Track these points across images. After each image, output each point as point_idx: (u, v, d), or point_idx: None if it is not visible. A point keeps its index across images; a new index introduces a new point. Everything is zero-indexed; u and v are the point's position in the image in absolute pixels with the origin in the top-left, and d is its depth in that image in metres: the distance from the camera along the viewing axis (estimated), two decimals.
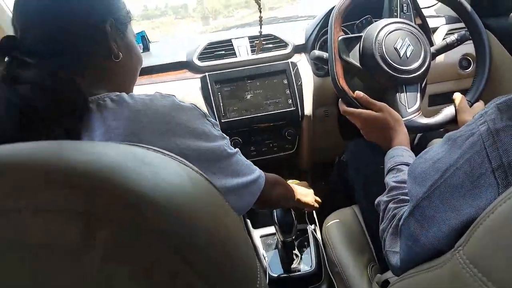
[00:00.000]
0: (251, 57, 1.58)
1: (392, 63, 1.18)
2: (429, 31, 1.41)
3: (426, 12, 1.50)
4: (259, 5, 0.91)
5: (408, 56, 1.21)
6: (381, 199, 0.93)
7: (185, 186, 0.32)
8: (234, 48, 1.59)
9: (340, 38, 1.22)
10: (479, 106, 1.26)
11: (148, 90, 1.51)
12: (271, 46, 1.60)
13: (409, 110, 1.21)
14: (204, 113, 0.79)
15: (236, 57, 1.58)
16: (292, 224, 1.26)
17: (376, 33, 1.21)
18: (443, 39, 1.40)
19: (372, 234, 1.21)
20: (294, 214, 1.28)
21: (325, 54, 1.31)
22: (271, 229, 1.52)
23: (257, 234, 1.53)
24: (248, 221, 1.60)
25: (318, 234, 1.51)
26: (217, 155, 0.78)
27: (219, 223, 0.34)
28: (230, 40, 1.62)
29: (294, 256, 1.39)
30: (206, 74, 1.51)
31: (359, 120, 1.16)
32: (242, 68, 1.54)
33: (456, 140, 0.61)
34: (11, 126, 0.65)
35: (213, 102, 1.48)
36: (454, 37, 1.33)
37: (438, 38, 1.58)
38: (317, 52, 1.33)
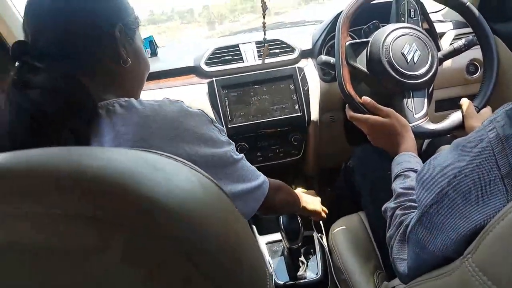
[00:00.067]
0: (258, 62, 1.58)
1: (399, 69, 1.18)
2: (436, 36, 1.40)
3: (433, 17, 1.49)
4: (264, 11, 0.90)
5: (415, 61, 1.20)
6: (388, 206, 0.93)
7: (196, 192, 0.33)
8: (241, 53, 1.60)
9: (347, 43, 1.22)
10: (487, 111, 1.25)
11: (155, 95, 1.51)
12: (278, 51, 1.60)
13: (416, 116, 1.20)
14: (211, 119, 0.80)
15: (243, 62, 1.58)
16: (298, 231, 1.26)
17: (383, 38, 1.20)
18: (450, 44, 1.40)
19: (378, 241, 1.20)
20: (300, 221, 1.27)
21: (332, 59, 1.30)
22: (277, 235, 1.52)
23: (262, 240, 1.53)
24: (254, 227, 1.59)
25: (324, 241, 1.51)
26: (223, 161, 0.78)
27: (229, 229, 0.34)
28: (237, 45, 1.62)
29: (300, 263, 1.39)
30: (213, 79, 1.51)
31: (366, 125, 1.15)
32: (249, 73, 1.54)
33: (465, 146, 0.61)
34: (22, 131, 0.66)
35: (220, 107, 1.48)
36: (461, 42, 1.32)
37: (445, 43, 1.58)
38: (324, 57, 1.33)
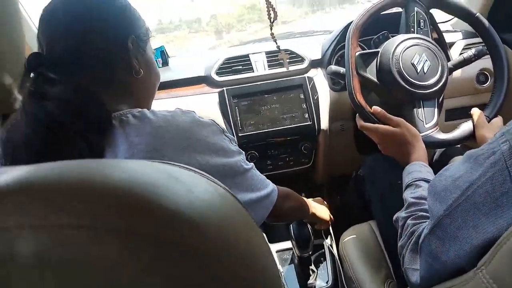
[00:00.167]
0: (268, 72, 1.59)
1: (409, 79, 1.18)
2: (445, 46, 1.41)
3: (442, 27, 1.49)
4: (271, 21, 0.91)
5: (425, 71, 1.21)
6: (399, 215, 0.93)
7: (215, 204, 0.33)
8: (251, 63, 1.61)
9: (357, 54, 1.23)
10: (498, 121, 1.25)
11: (167, 104, 1.53)
12: (288, 61, 1.62)
13: (426, 126, 1.20)
14: (222, 128, 0.81)
15: (253, 72, 1.59)
16: (309, 239, 1.26)
17: (393, 48, 1.21)
18: (460, 54, 1.40)
19: (389, 250, 1.20)
20: (311, 229, 1.28)
21: (341, 69, 1.31)
22: (287, 244, 1.52)
23: (273, 248, 1.53)
24: (264, 235, 1.60)
25: (334, 249, 1.51)
26: (234, 171, 0.79)
27: (247, 239, 0.35)
28: (247, 55, 1.64)
29: (310, 271, 1.39)
30: (224, 88, 1.53)
31: (377, 135, 1.16)
32: (259, 82, 1.56)
33: (477, 158, 0.61)
34: (37, 142, 0.67)
35: (230, 117, 1.50)
36: (471, 52, 1.32)
37: (455, 53, 1.58)
38: (333, 67, 1.34)
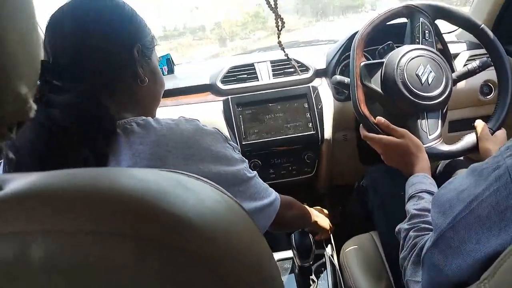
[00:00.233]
0: (273, 80, 1.60)
1: (413, 90, 1.19)
2: (450, 57, 1.41)
3: (447, 37, 1.49)
4: (279, 29, 0.91)
5: (429, 82, 1.21)
6: (401, 227, 0.93)
7: (224, 213, 0.34)
8: (256, 71, 1.62)
9: (362, 64, 1.23)
10: (501, 134, 1.25)
11: (172, 111, 1.54)
12: (292, 70, 1.62)
13: (430, 137, 1.20)
14: (225, 137, 0.81)
15: (258, 80, 1.60)
16: (310, 249, 1.26)
17: (398, 59, 1.21)
18: (465, 65, 1.40)
19: (390, 262, 1.20)
20: (312, 239, 1.27)
21: (346, 79, 1.31)
22: (288, 253, 1.51)
23: None
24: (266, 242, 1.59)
25: (335, 259, 1.50)
26: (237, 179, 0.79)
27: (253, 247, 0.36)
28: (252, 64, 1.65)
29: (310, 281, 1.38)
30: (229, 97, 1.54)
31: (380, 145, 1.16)
32: (263, 91, 1.56)
33: (481, 172, 0.61)
34: (42, 148, 0.67)
35: (234, 125, 1.50)
36: (475, 63, 1.33)
37: (459, 64, 1.58)
38: (338, 77, 1.34)
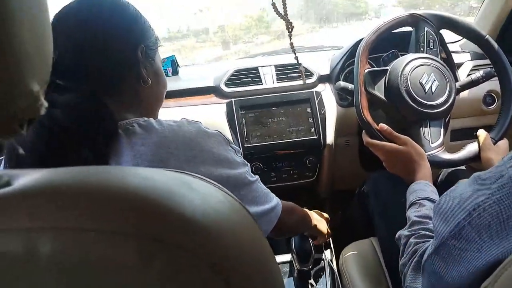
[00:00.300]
0: (277, 85, 1.61)
1: (417, 98, 1.19)
2: (454, 67, 1.42)
3: (451, 47, 1.50)
4: (289, 31, 0.91)
5: (433, 91, 1.22)
6: (402, 233, 0.93)
7: (228, 213, 0.35)
8: (260, 75, 1.63)
9: (366, 71, 1.24)
10: (503, 144, 1.25)
11: (175, 112, 1.55)
12: (296, 75, 1.63)
13: (432, 145, 1.21)
14: (227, 139, 0.81)
15: (261, 84, 1.61)
16: (309, 253, 1.26)
17: (402, 67, 1.22)
18: (468, 75, 1.41)
19: (390, 268, 1.20)
20: (312, 243, 1.28)
21: (350, 86, 1.32)
22: (286, 256, 1.52)
23: None
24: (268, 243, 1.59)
25: (334, 264, 1.50)
26: (238, 183, 0.79)
27: (255, 247, 0.36)
28: (256, 68, 1.65)
29: (309, 285, 1.38)
30: (232, 100, 1.55)
31: (382, 152, 1.16)
32: (267, 95, 1.57)
33: (484, 180, 0.61)
34: (42, 148, 0.67)
35: (237, 127, 1.51)
36: (479, 73, 1.33)
37: (463, 73, 1.59)
38: (342, 83, 1.35)
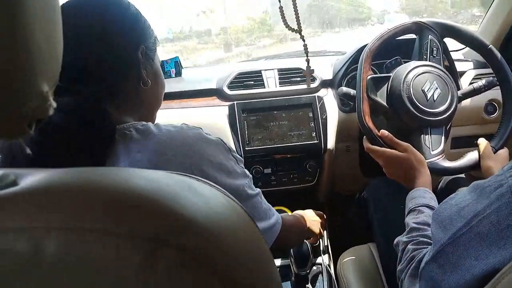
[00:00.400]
0: (279, 88, 1.62)
1: (419, 105, 1.20)
2: (456, 75, 1.42)
3: (454, 55, 1.51)
4: (300, 32, 0.91)
5: (435, 99, 1.22)
6: (400, 240, 0.94)
7: (230, 217, 0.35)
8: (263, 79, 1.64)
9: (369, 77, 1.24)
10: (504, 153, 1.26)
11: (177, 114, 1.56)
12: (299, 79, 1.64)
13: (432, 152, 1.21)
14: (229, 148, 0.79)
15: (264, 88, 1.62)
16: (307, 257, 1.26)
17: (404, 74, 1.23)
18: (470, 84, 1.41)
19: (387, 274, 1.21)
20: (310, 247, 1.28)
21: (352, 91, 1.33)
22: (284, 261, 1.52)
23: None
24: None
25: (332, 269, 1.51)
26: (236, 194, 0.74)
27: (255, 251, 0.36)
28: (259, 71, 1.66)
29: None
30: (234, 102, 1.55)
31: (383, 158, 1.17)
32: (269, 99, 1.58)
33: (484, 189, 0.62)
34: (39, 152, 0.64)
35: (238, 130, 1.52)
36: (481, 82, 1.34)
37: (465, 82, 1.59)
38: (344, 88, 1.35)
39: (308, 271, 1.33)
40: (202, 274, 0.29)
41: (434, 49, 1.31)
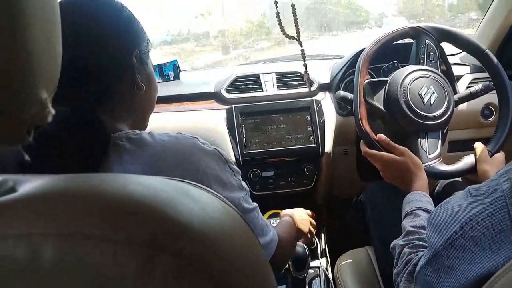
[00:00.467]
0: (277, 92, 1.63)
1: (415, 109, 1.20)
2: (453, 79, 1.43)
3: (451, 59, 1.52)
4: (298, 38, 0.91)
5: (432, 103, 1.23)
6: (396, 243, 0.94)
7: (226, 223, 0.36)
8: (261, 82, 1.65)
9: (366, 81, 1.25)
10: (500, 156, 1.26)
11: (175, 117, 1.56)
12: (297, 83, 1.65)
13: (429, 156, 1.22)
14: (225, 159, 0.77)
15: (262, 91, 1.63)
16: (305, 260, 1.27)
17: (401, 78, 1.23)
18: (467, 88, 1.42)
19: (384, 277, 1.21)
20: (308, 251, 1.28)
21: (349, 95, 1.33)
22: None
23: None
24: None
25: (329, 272, 1.51)
26: None
27: (250, 254, 0.37)
28: (258, 74, 1.67)
29: None
30: (233, 106, 1.56)
31: (380, 162, 1.17)
32: (267, 102, 1.59)
33: (478, 194, 0.63)
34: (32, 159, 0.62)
35: (236, 133, 1.52)
36: (478, 87, 1.35)
37: (462, 86, 1.60)
38: (342, 92, 1.36)
39: (305, 274, 1.34)
40: (199, 280, 0.29)
41: (431, 53, 1.32)
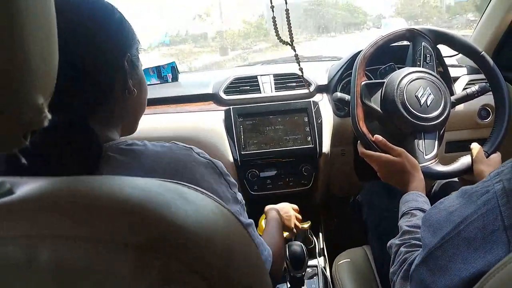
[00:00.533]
0: (275, 94, 1.64)
1: (412, 111, 1.21)
2: (450, 80, 1.44)
3: (448, 61, 1.52)
4: (292, 43, 0.91)
5: (428, 104, 1.24)
6: (393, 242, 0.95)
7: (220, 224, 0.36)
8: (259, 84, 1.66)
9: (363, 83, 1.26)
10: (496, 157, 1.27)
11: (173, 118, 1.57)
12: (294, 84, 1.66)
13: (426, 157, 1.23)
14: (220, 171, 0.76)
15: (260, 93, 1.64)
16: (303, 259, 1.28)
17: (398, 80, 1.24)
18: (464, 89, 1.43)
19: (381, 276, 1.22)
20: (306, 250, 1.29)
21: (347, 97, 1.34)
22: None
23: None
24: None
25: (327, 271, 1.52)
26: None
27: (248, 259, 0.37)
28: (256, 76, 1.68)
29: None
30: (230, 107, 1.57)
31: (377, 163, 1.18)
32: (265, 104, 1.60)
33: (471, 195, 0.64)
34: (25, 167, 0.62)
35: (234, 134, 1.53)
36: (474, 88, 1.36)
37: (459, 87, 1.61)
38: (339, 94, 1.37)
39: (303, 273, 1.35)
40: (194, 280, 0.30)
41: (428, 55, 1.33)
